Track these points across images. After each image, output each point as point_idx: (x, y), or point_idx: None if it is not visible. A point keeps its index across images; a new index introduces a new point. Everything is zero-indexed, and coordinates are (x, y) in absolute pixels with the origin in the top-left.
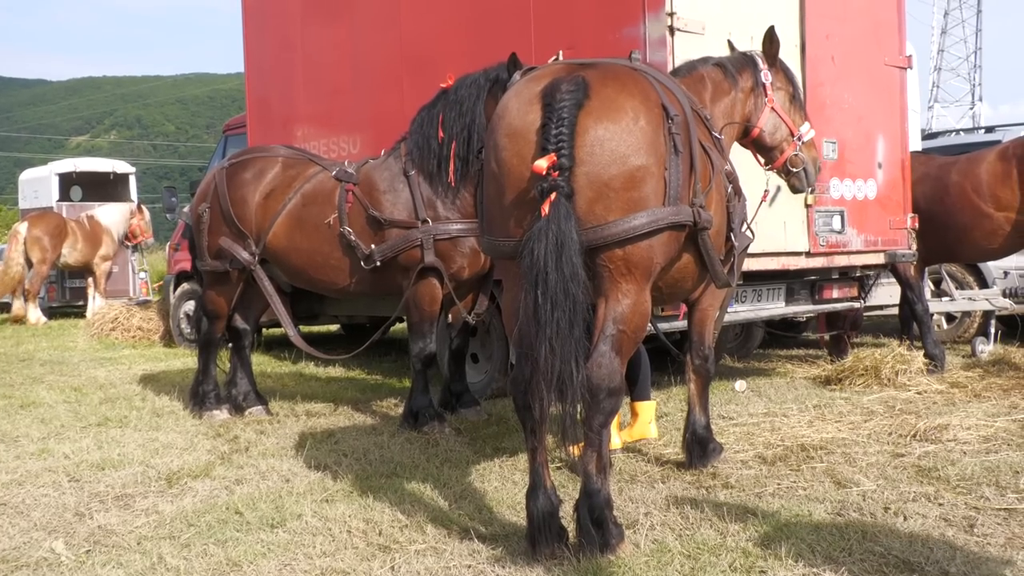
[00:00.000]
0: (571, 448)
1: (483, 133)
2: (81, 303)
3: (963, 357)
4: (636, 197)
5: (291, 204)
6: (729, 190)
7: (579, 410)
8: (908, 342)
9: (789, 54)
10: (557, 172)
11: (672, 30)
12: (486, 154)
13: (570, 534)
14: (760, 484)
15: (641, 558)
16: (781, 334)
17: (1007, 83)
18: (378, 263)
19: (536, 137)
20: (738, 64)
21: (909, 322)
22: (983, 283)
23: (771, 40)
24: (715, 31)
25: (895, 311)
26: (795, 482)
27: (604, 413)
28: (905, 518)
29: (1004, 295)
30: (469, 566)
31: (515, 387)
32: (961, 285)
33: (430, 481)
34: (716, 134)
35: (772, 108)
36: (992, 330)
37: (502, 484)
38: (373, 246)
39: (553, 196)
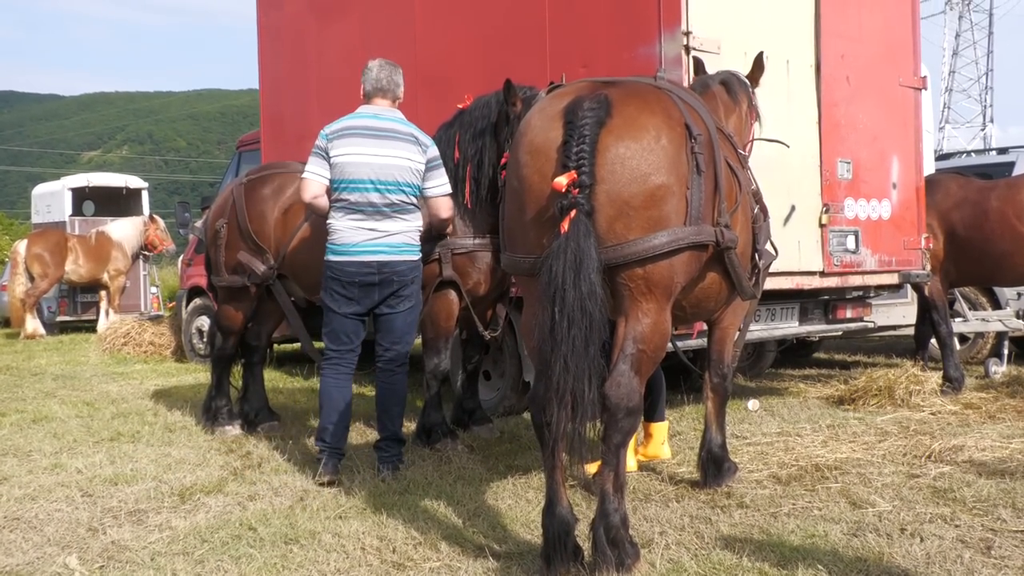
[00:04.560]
0: (583, 466)
1: (492, 158)
2: (92, 318)
3: (976, 378)
4: (657, 216)
5: (310, 219)
6: (755, 210)
7: (591, 428)
8: (922, 362)
9: (804, 74)
10: (577, 189)
11: (688, 49)
12: (508, 170)
13: (585, 553)
14: (775, 504)
15: None
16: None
17: (1017, 105)
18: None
19: (557, 154)
20: (738, 84)
21: (925, 342)
22: (996, 304)
23: (759, 65)
24: (730, 50)
25: (908, 331)
26: (810, 502)
27: (622, 432)
28: (922, 539)
29: (1018, 316)
30: None
31: (533, 404)
32: (974, 306)
33: (443, 498)
34: (742, 152)
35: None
36: (1005, 351)
37: (516, 502)
38: None
39: (573, 213)
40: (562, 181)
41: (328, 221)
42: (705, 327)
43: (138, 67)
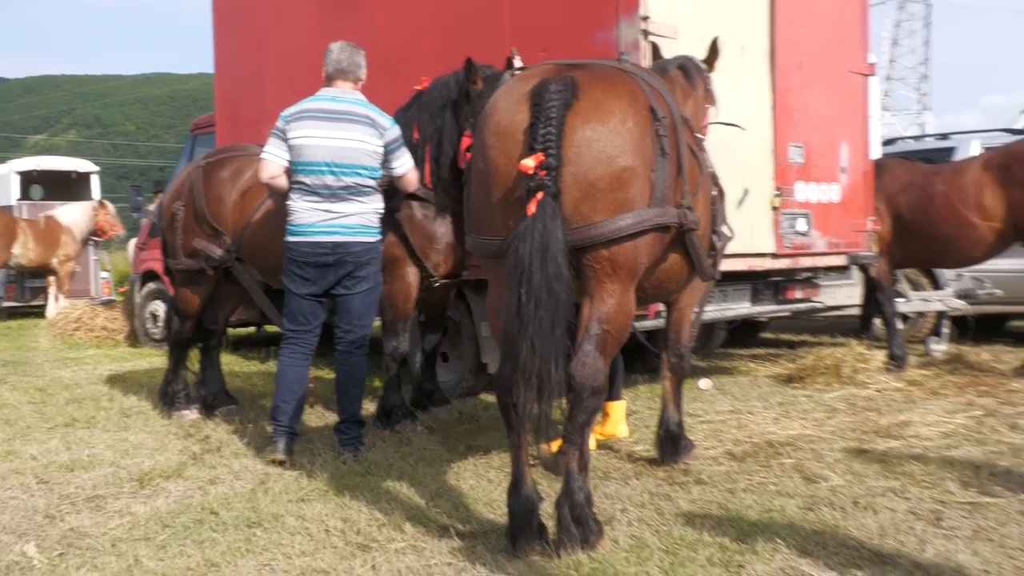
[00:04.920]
0: (544, 446)
1: (451, 137)
2: (41, 303)
3: (917, 356)
4: (622, 198)
5: (268, 202)
6: (714, 192)
7: (555, 408)
8: (867, 341)
9: (758, 60)
10: (544, 171)
11: (646, 34)
12: (474, 153)
13: (550, 531)
14: (731, 480)
15: (620, 554)
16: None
17: (950, 94)
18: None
19: (524, 136)
20: (695, 69)
21: (870, 322)
22: (936, 285)
23: (715, 50)
24: (687, 35)
25: (852, 311)
26: (765, 478)
27: (587, 412)
28: (875, 512)
29: (957, 296)
30: (450, 564)
31: (499, 385)
32: (915, 286)
33: (405, 479)
34: (699, 135)
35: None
36: (945, 330)
37: (477, 482)
38: None
39: (540, 195)
40: (529, 163)
41: (287, 202)
42: (662, 308)
43: (86, 50)
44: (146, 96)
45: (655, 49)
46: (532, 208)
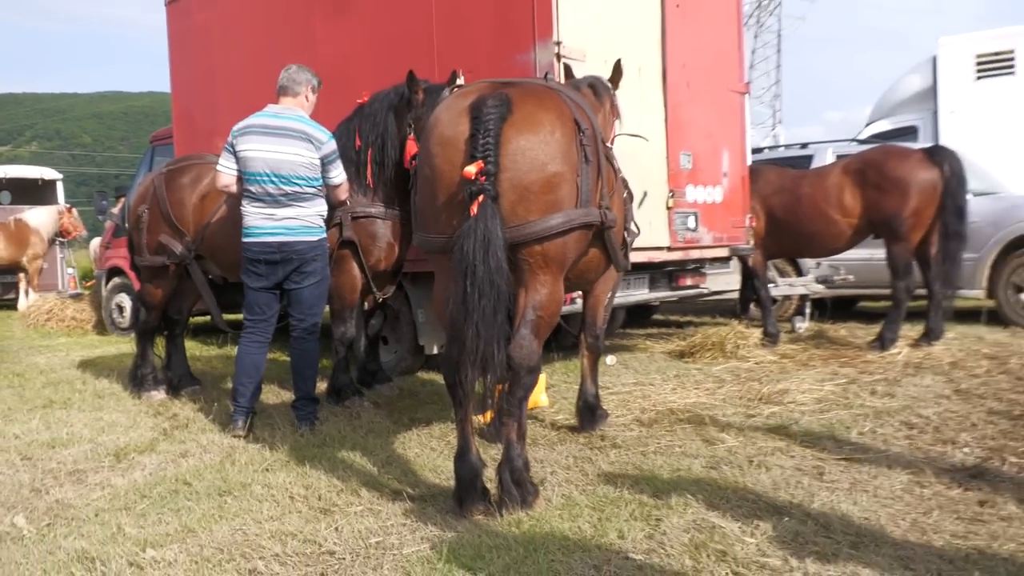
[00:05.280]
0: (480, 417)
1: (393, 140)
2: (12, 296)
3: (786, 333)
4: (553, 200)
5: (224, 206)
6: (625, 194)
7: (481, 385)
8: (746, 321)
9: (652, 80)
10: (484, 177)
11: (559, 56)
12: (420, 160)
13: (491, 493)
14: (643, 444)
15: (555, 512)
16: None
17: (798, 110)
18: None
19: (465, 146)
20: (602, 87)
21: (747, 304)
22: (799, 272)
23: (618, 70)
24: (594, 58)
25: (730, 295)
26: (671, 441)
27: (524, 388)
28: (767, 469)
29: (817, 282)
30: (404, 524)
31: (445, 365)
32: (782, 273)
33: (358, 450)
34: (608, 144)
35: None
36: (807, 310)
37: (421, 450)
38: None
39: (481, 198)
40: (471, 170)
41: (240, 208)
42: (577, 294)
43: (45, 70)
44: (101, 111)
45: (567, 69)
46: (474, 209)
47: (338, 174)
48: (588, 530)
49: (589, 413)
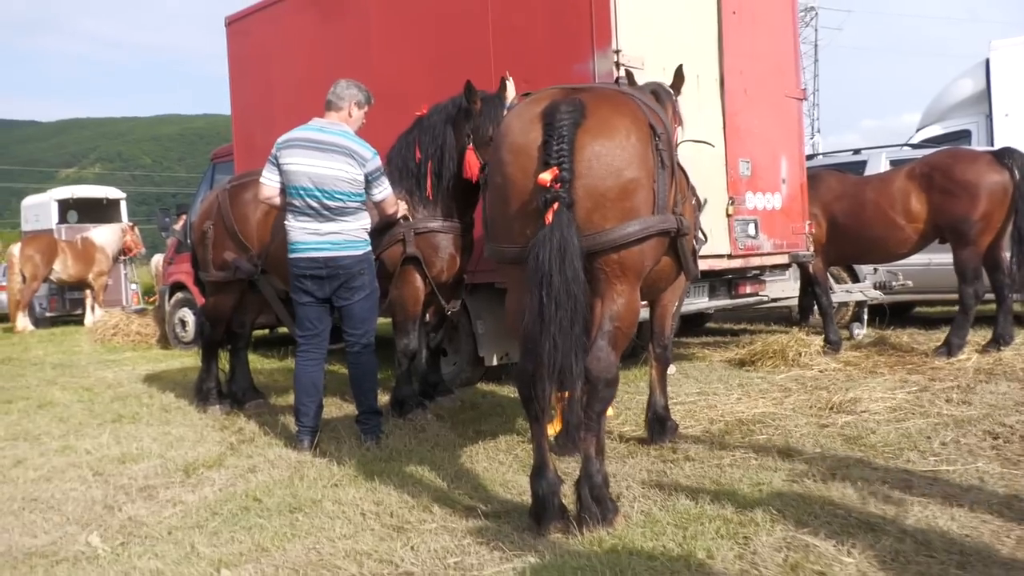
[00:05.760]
0: (551, 428)
1: (452, 151)
2: (80, 311)
3: (846, 340)
4: (629, 207)
5: None
6: (694, 201)
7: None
8: (806, 328)
9: (710, 87)
10: (559, 184)
11: (618, 65)
12: (491, 169)
13: (568, 511)
14: (717, 456)
15: (636, 529)
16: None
17: (835, 119)
18: None
19: (538, 153)
20: (664, 93)
21: (807, 311)
22: (855, 278)
23: (680, 76)
24: (652, 66)
25: (784, 303)
26: (746, 454)
27: (603, 401)
28: (852, 482)
29: (875, 287)
30: (481, 543)
31: (520, 379)
32: (838, 280)
33: (426, 464)
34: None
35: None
36: (865, 316)
37: (490, 464)
38: None
39: (556, 206)
40: (546, 177)
41: (284, 222)
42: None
43: (107, 95)
44: (160, 134)
45: (629, 76)
46: (549, 217)
47: (381, 191)
48: (674, 549)
49: (659, 425)
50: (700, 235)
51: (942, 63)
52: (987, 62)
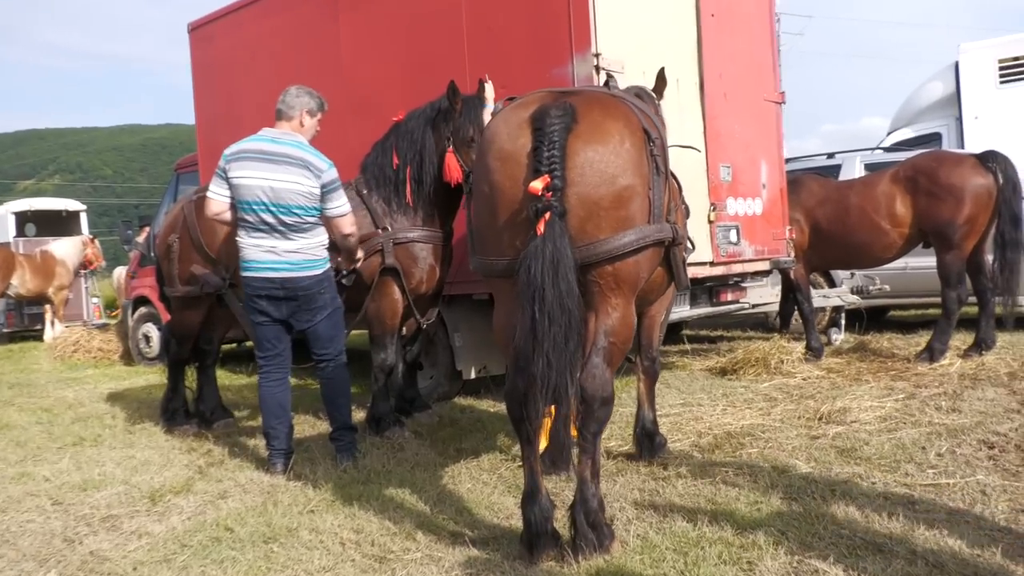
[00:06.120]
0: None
1: (432, 155)
2: (39, 327)
3: (825, 346)
4: (624, 216)
5: None
6: (683, 207)
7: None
8: (787, 335)
9: (690, 91)
10: (551, 193)
11: (598, 69)
12: (475, 177)
13: (561, 537)
14: (709, 473)
15: (635, 556)
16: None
17: (796, 123)
18: (344, 279)
19: (527, 160)
20: (647, 97)
21: (788, 318)
22: (832, 284)
23: (662, 79)
24: (632, 69)
25: (763, 309)
26: (739, 469)
27: (598, 421)
28: (852, 498)
29: (852, 292)
30: (470, 573)
31: (510, 399)
32: (814, 285)
33: (406, 486)
34: None
35: None
36: (842, 322)
37: (474, 485)
38: (339, 260)
39: (547, 215)
40: (537, 185)
41: (236, 238)
42: None
43: (66, 106)
44: (121, 144)
45: (609, 80)
46: (541, 228)
47: (339, 205)
48: None
49: (648, 440)
50: (688, 243)
51: (901, 67)
52: (956, 65)
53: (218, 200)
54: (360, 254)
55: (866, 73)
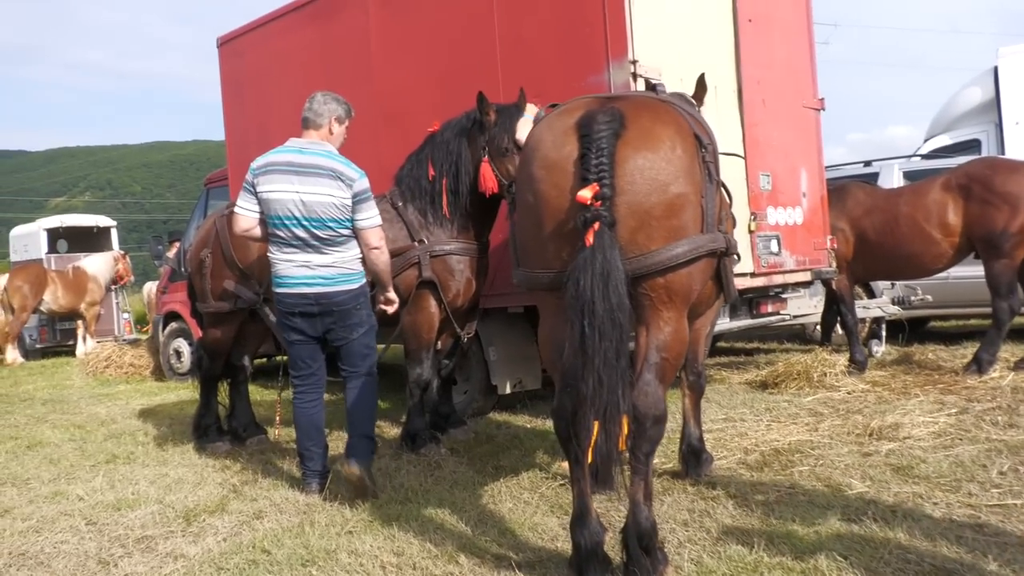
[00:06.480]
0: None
1: (467, 166)
2: (71, 342)
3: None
4: (676, 225)
5: None
6: (731, 216)
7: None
8: (828, 347)
9: (728, 98)
10: (599, 202)
11: (635, 75)
12: (519, 187)
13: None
14: (760, 492)
15: None
16: None
17: (824, 132)
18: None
19: (574, 168)
20: (689, 103)
21: (830, 330)
22: (871, 293)
23: (702, 85)
24: (669, 76)
25: (802, 320)
26: (792, 488)
27: (651, 441)
28: (915, 520)
29: (893, 303)
30: None
31: (558, 418)
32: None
33: (445, 506)
34: None
35: None
36: (883, 333)
37: (515, 505)
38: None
39: (596, 225)
40: (586, 194)
41: (268, 254)
42: None
43: (96, 124)
44: (150, 161)
45: (648, 86)
46: (590, 239)
47: (369, 216)
48: None
49: (694, 458)
50: (736, 254)
51: (927, 76)
52: (995, 70)
53: (247, 216)
54: (393, 295)
55: (891, 82)
